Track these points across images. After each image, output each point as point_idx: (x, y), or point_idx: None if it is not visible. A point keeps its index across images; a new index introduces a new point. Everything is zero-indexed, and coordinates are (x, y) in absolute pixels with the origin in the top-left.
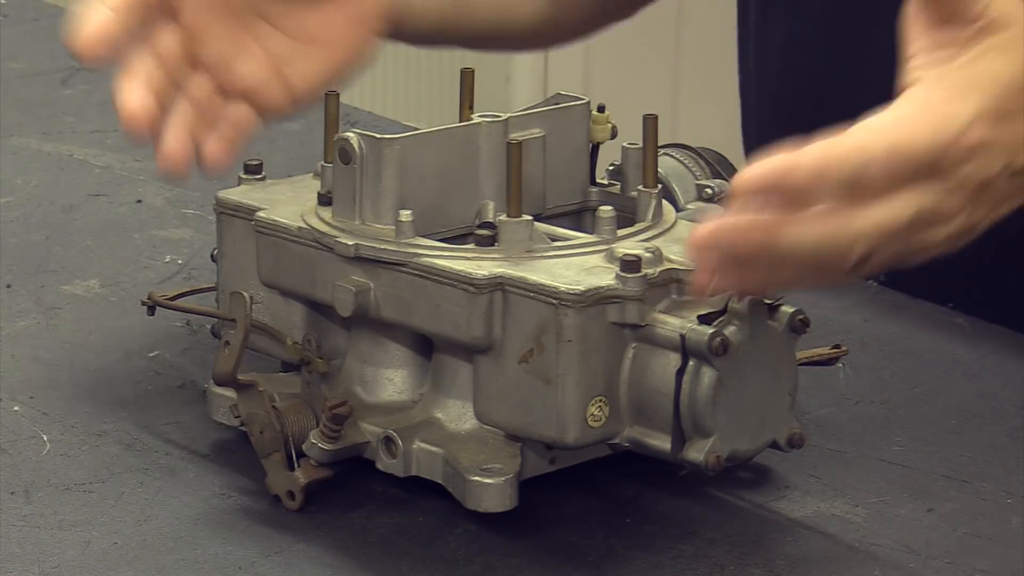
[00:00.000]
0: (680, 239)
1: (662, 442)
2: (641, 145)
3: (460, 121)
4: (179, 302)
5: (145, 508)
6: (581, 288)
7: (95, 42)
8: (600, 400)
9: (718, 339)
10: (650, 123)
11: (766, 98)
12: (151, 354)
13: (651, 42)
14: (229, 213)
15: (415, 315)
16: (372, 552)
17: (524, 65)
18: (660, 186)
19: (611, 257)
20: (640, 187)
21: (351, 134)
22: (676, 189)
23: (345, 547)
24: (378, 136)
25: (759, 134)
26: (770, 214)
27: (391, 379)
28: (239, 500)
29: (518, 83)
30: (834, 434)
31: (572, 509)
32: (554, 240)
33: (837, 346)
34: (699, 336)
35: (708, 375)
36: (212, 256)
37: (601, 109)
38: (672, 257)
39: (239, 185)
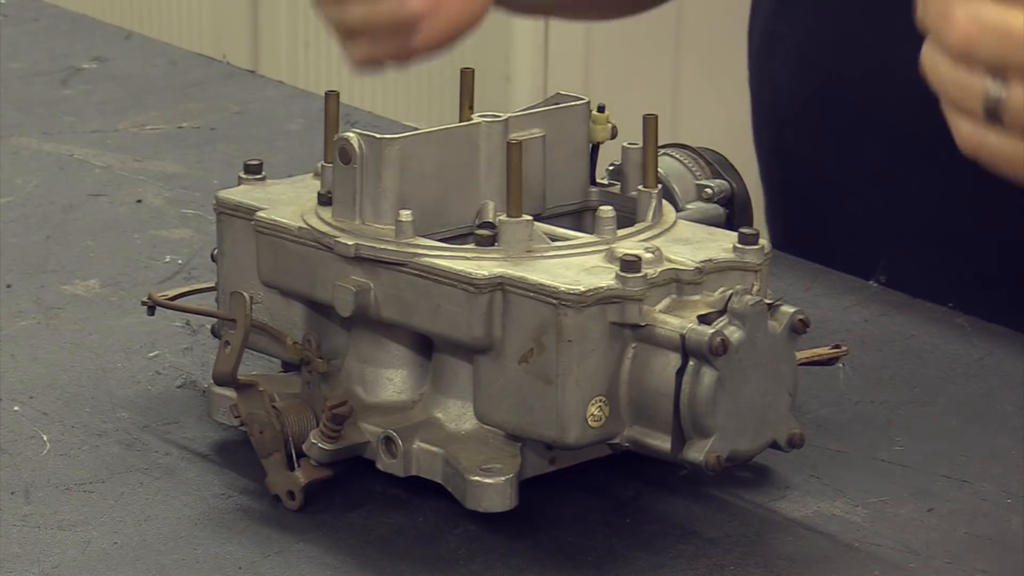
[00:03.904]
0: (680, 239)
1: (662, 442)
2: (641, 145)
3: (460, 121)
4: (179, 302)
5: (145, 508)
6: (581, 288)
7: None
8: (600, 400)
9: (718, 339)
10: (650, 123)
11: (780, 92)
12: (151, 354)
13: (651, 42)
14: (229, 213)
15: (415, 315)
16: (372, 552)
17: (524, 65)
18: (660, 186)
19: (611, 257)
20: (640, 187)
21: (351, 134)
22: (676, 189)
23: (345, 547)
24: (378, 136)
25: (772, 129)
26: None
27: (391, 379)
28: (239, 500)
29: (518, 83)
30: (834, 434)
31: (572, 509)
32: (554, 240)
33: (837, 346)
34: (699, 336)
35: (708, 375)
36: (212, 256)
37: (601, 109)
38: (672, 257)
39: (239, 185)
